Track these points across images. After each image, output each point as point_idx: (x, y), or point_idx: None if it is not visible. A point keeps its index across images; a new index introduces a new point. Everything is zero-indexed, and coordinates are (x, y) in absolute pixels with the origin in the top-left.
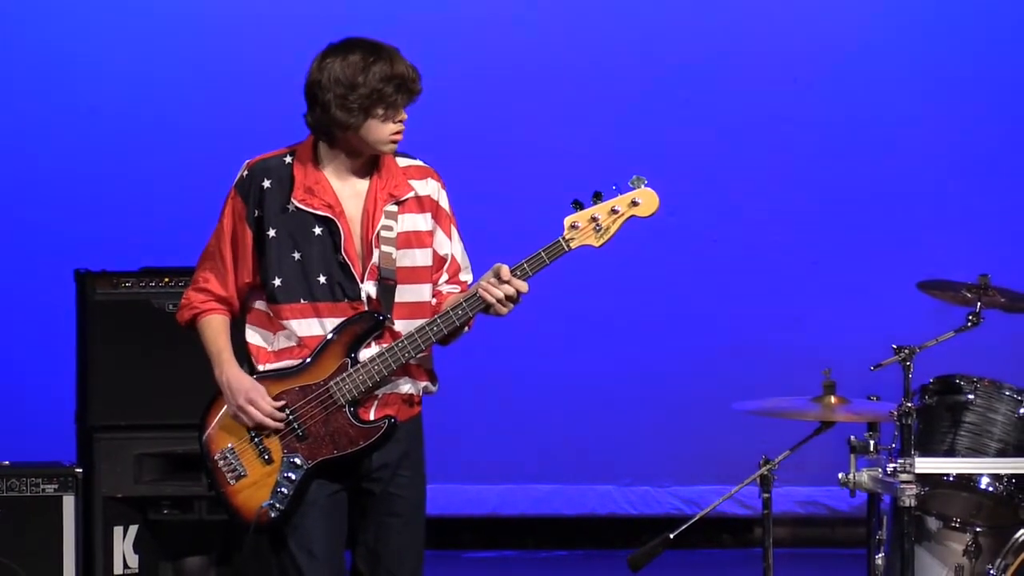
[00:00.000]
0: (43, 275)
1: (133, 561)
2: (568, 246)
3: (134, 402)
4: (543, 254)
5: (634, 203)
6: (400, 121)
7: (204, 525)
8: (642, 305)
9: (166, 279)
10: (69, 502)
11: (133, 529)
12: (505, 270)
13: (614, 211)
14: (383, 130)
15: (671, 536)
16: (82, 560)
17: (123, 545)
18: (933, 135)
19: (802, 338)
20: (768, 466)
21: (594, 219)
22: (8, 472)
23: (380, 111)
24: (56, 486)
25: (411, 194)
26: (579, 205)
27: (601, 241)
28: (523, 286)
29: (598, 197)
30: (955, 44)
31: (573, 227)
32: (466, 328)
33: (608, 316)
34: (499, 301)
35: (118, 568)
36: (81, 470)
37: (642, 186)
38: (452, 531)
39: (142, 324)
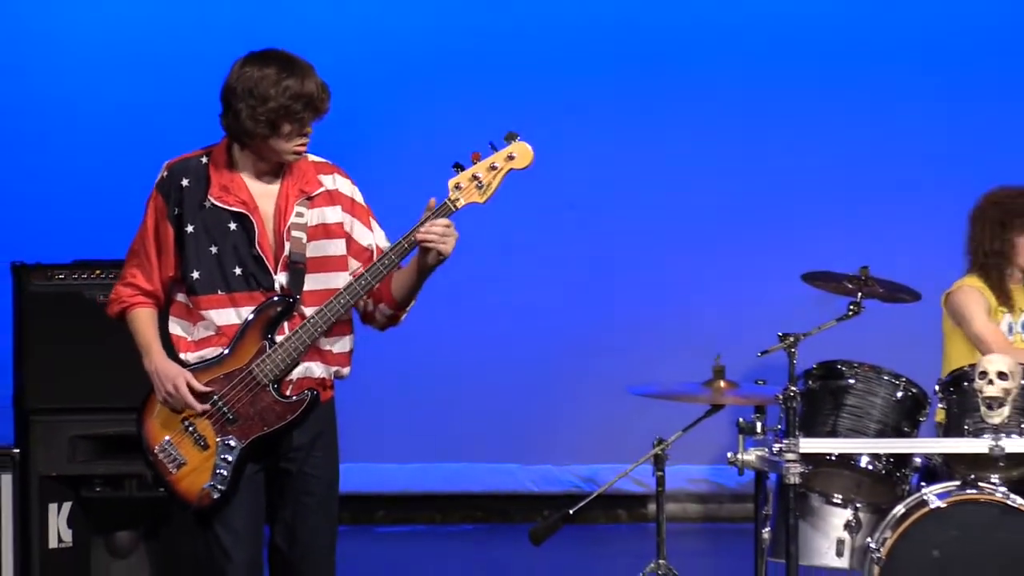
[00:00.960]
0: None
1: (67, 536)
2: (455, 206)
3: (68, 386)
4: (433, 217)
5: (510, 157)
6: (305, 134)
7: (134, 502)
8: (544, 296)
9: (97, 271)
10: (7, 481)
11: (67, 506)
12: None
13: (493, 167)
14: (288, 143)
15: (570, 512)
16: (19, 535)
17: (57, 521)
18: (815, 133)
19: (694, 326)
20: (661, 446)
21: (475, 177)
22: None
23: (287, 127)
24: None
25: (321, 189)
26: (460, 167)
27: (485, 197)
28: (446, 221)
29: (477, 157)
30: (832, 42)
31: (457, 187)
32: (411, 302)
33: (512, 307)
34: (442, 236)
35: (53, 543)
36: (18, 450)
37: (516, 141)
38: (366, 507)
39: (75, 313)
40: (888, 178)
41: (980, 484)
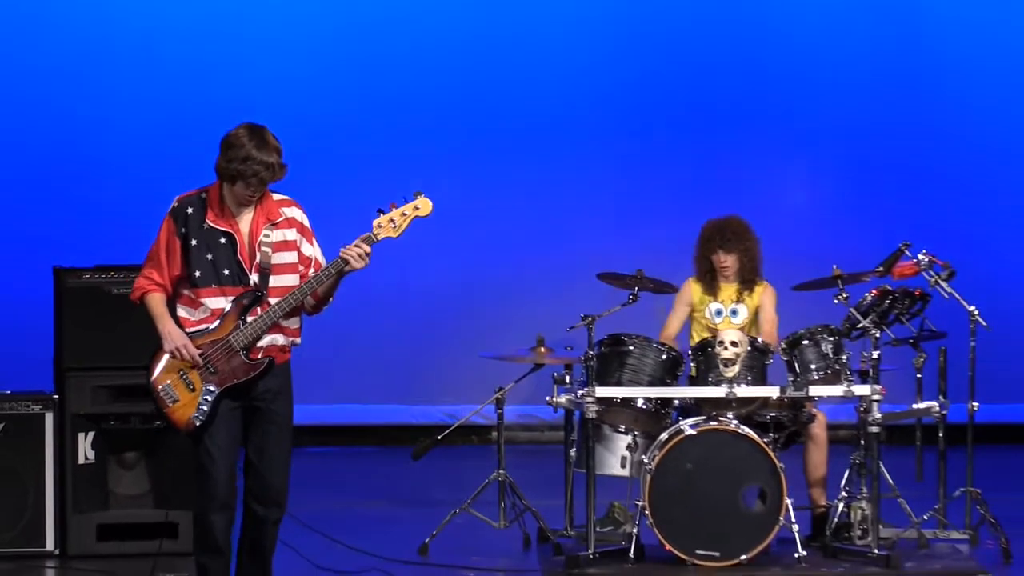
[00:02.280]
0: (29, 271)
1: (91, 455)
2: (376, 238)
3: (92, 352)
4: (360, 243)
5: (416, 208)
6: (254, 191)
7: (137, 432)
8: (423, 287)
9: (112, 272)
10: (49, 417)
11: (91, 434)
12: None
13: (404, 214)
14: (242, 193)
15: (439, 437)
16: (58, 454)
17: (84, 444)
18: (607, 156)
19: (523, 309)
20: (501, 392)
21: (392, 220)
22: (8, 398)
23: (240, 184)
24: (41, 406)
25: (282, 217)
26: (381, 211)
27: (397, 234)
28: (367, 248)
29: (394, 206)
30: (616, 53)
31: (379, 226)
32: (330, 299)
33: (404, 296)
34: (360, 257)
35: (81, 460)
36: (57, 396)
37: (420, 197)
38: (296, 435)
39: (97, 302)
40: (665, 194)
41: (719, 418)
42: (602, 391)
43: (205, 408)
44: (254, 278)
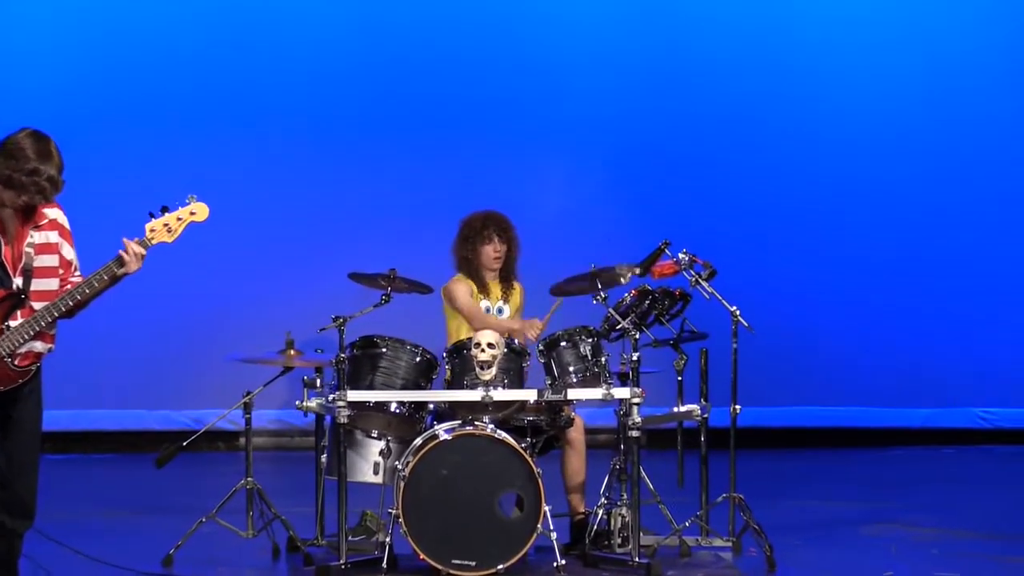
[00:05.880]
0: None
1: None
2: (150, 243)
3: None
4: (134, 246)
5: (192, 213)
6: (23, 199)
7: None
8: (162, 288)
9: None
10: None
11: None
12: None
13: (179, 219)
14: (14, 200)
15: (183, 443)
16: None
17: None
18: (359, 165)
19: (270, 311)
20: (249, 396)
21: (166, 224)
22: None
23: (11, 191)
24: None
25: (45, 220)
26: (153, 216)
27: (172, 238)
28: (142, 251)
29: (165, 210)
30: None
31: (152, 231)
32: (85, 307)
33: (141, 298)
34: (138, 258)
35: None
36: None
37: (195, 201)
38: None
39: None
40: (412, 197)
41: (476, 422)
42: (354, 395)
43: None
44: (18, 281)
